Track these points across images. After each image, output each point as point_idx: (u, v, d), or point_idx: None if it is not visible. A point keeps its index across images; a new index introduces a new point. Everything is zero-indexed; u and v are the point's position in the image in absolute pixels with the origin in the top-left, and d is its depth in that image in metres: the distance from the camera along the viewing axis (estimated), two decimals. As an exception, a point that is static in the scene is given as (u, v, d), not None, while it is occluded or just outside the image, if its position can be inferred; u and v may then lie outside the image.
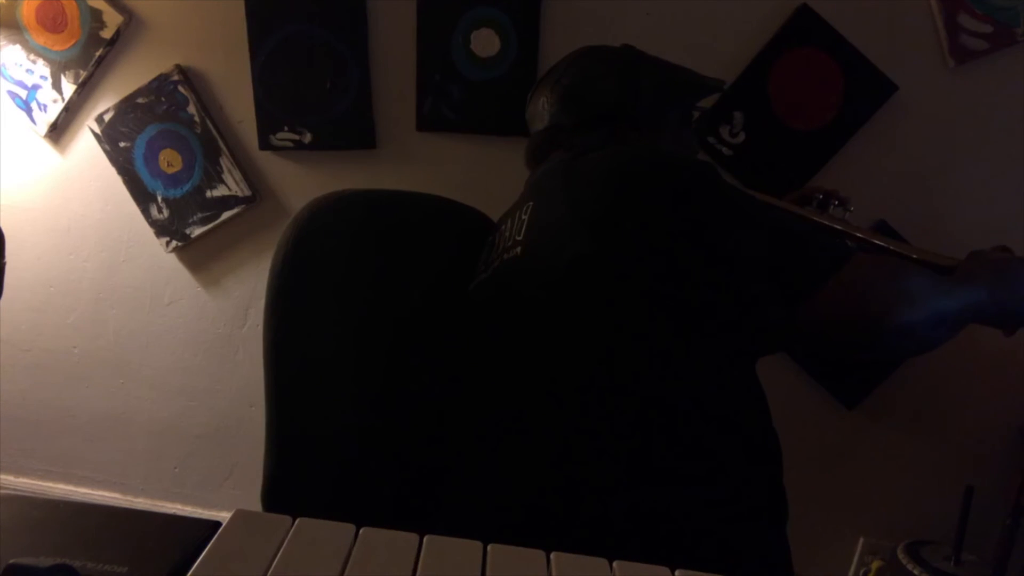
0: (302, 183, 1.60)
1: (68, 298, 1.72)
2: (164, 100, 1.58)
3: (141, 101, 1.58)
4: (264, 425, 0.94)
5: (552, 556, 0.47)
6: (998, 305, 0.82)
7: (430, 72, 1.51)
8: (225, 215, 1.62)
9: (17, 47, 1.59)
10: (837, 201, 1.17)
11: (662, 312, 0.78)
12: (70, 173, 1.66)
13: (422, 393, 0.98)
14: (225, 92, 1.58)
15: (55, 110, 1.60)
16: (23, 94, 1.61)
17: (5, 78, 1.60)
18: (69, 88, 1.59)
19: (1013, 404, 1.51)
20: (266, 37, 1.52)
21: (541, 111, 1.06)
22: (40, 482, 1.81)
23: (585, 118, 1.02)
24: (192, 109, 1.57)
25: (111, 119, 1.59)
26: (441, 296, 1.01)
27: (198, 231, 1.63)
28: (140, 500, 1.80)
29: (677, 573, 0.47)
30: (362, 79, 1.53)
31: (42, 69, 1.59)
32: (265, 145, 1.58)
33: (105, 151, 1.61)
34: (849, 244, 1.06)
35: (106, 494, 1.81)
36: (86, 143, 1.63)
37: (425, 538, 0.46)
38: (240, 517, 0.47)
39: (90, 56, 1.57)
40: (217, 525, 0.47)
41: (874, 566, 1.59)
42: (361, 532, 0.47)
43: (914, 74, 1.43)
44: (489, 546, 0.46)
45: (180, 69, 1.56)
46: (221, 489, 1.78)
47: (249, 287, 1.67)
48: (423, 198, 1.10)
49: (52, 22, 1.56)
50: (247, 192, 1.60)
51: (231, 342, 1.71)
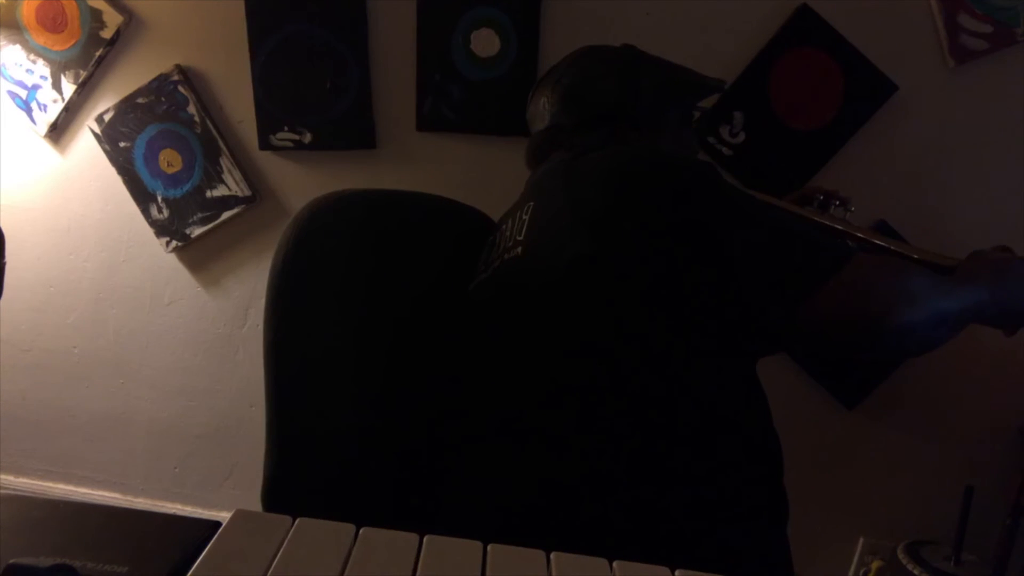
0: (302, 183, 1.60)
1: (68, 298, 1.72)
2: (164, 100, 1.58)
3: (141, 101, 1.58)
4: (264, 425, 0.94)
5: (552, 556, 0.47)
6: (999, 305, 0.82)
7: (430, 72, 1.51)
8: (225, 215, 1.62)
9: (17, 47, 1.59)
10: (838, 201, 1.17)
11: (662, 312, 0.78)
12: (70, 173, 1.66)
13: (422, 393, 0.98)
14: (225, 92, 1.58)
15: (55, 110, 1.60)
16: (23, 94, 1.61)
17: (5, 78, 1.60)
18: (69, 88, 1.59)
19: (1013, 404, 1.51)
20: (266, 37, 1.52)
21: (541, 111, 1.07)
22: (40, 482, 1.81)
23: (585, 118, 1.02)
24: (192, 109, 1.57)
25: (111, 119, 1.59)
26: (441, 296, 1.01)
27: (198, 231, 1.63)
28: (140, 500, 1.80)
29: (677, 573, 0.47)
30: (362, 79, 1.53)
31: (42, 69, 1.59)
32: (265, 145, 1.58)
33: (105, 151, 1.61)
34: (850, 244, 1.06)
35: (106, 494, 1.81)
36: (86, 143, 1.63)
37: (425, 538, 0.46)
38: (240, 517, 0.47)
39: (90, 56, 1.57)
40: (217, 525, 0.47)
41: (874, 566, 1.59)
42: (361, 532, 0.47)
43: (914, 74, 1.43)
44: (489, 546, 0.46)
45: (180, 69, 1.56)
46: (221, 489, 1.78)
47: (249, 287, 1.67)
48: (423, 198, 1.10)
49: (52, 22, 1.56)
50: (247, 192, 1.60)
51: (231, 342, 1.71)
